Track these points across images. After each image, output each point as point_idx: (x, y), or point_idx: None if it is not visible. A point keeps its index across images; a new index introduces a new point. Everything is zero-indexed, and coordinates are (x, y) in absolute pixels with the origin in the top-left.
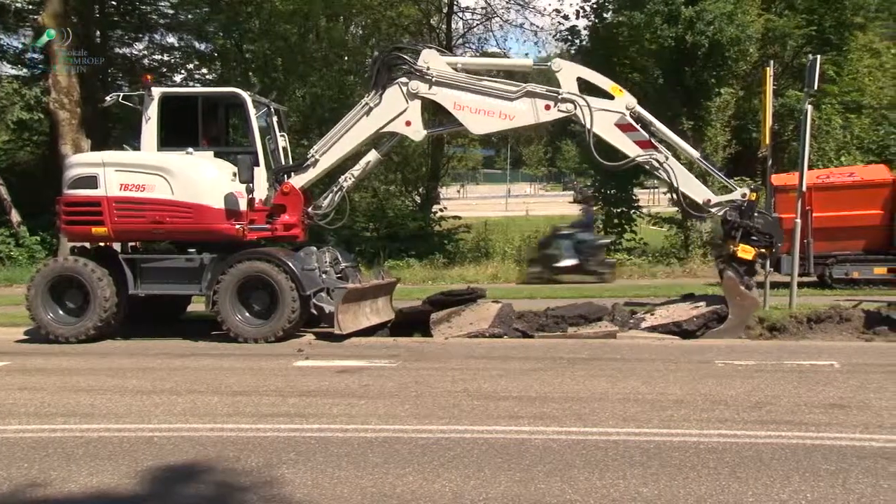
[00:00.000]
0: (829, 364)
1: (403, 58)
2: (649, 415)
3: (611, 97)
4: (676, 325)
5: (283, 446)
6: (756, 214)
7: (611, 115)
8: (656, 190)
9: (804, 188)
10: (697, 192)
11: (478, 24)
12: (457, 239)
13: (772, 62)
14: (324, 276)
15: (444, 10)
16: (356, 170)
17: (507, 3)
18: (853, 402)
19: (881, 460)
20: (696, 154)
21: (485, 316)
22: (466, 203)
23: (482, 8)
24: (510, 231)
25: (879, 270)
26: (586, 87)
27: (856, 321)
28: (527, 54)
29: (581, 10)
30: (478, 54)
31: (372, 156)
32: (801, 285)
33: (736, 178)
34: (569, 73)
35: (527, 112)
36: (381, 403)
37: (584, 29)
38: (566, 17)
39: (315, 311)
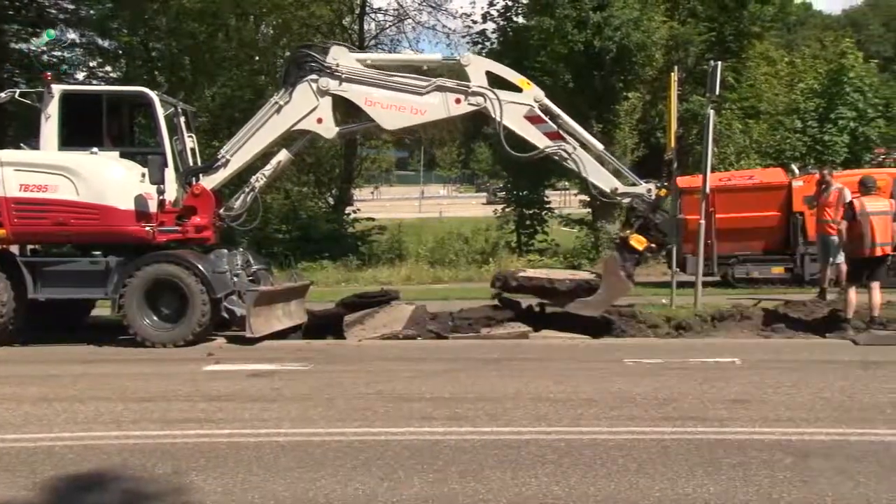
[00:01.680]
0: (732, 361)
1: (313, 55)
2: (561, 413)
3: (519, 90)
4: (549, 282)
5: (193, 452)
6: (659, 211)
7: (520, 107)
8: (567, 192)
9: (707, 190)
10: (605, 181)
11: (390, 26)
12: (370, 241)
13: (676, 68)
14: (235, 278)
15: (357, 11)
16: (267, 170)
17: (419, 4)
18: (753, 397)
19: (778, 452)
20: (600, 146)
21: (398, 318)
22: (380, 205)
23: (395, 9)
24: (424, 233)
25: (777, 270)
26: (495, 82)
27: (756, 319)
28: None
29: (488, 14)
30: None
31: (283, 155)
32: (705, 285)
33: (646, 180)
34: (478, 68)
35: (438, 106)
36: (293, 407)
37: (493, 32)
38: (475, 21)
39: (226, 315)
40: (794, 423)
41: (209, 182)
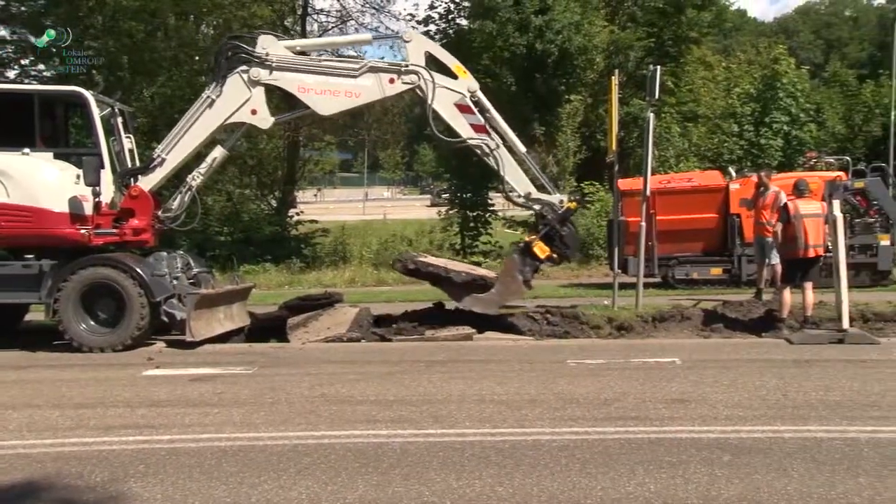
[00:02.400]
0: (672, 361)
1: (241, 46)
2: (504, 415)
3: (455, 77)
4: (446, 271)
5: (131, 459)
6: (567, 223)
7: (452, 94)
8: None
9: (648, 193)
10: (521, 183)
11: (333, 27)
12: (314, 243)
13: (616, 72)
14: (175, 281)
15: (299, 13)
16: (203, 168)
17: (361, 6)
18: (692, 396)
19: (716, 450)
20: (523, 149)
21: (342, 320)
22: (324, 207)
23: (337, 11)
24: (368, 235)
25: (716, 271)
26: (434, 66)
27: (695, 319)
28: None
29: (430, 17)
30: (333, 56)
31: (218, 152)
32: (646, 286)
33: (586, 182)
34: (418, 46)
35: (372, 87)
36: (235, 411)
37: (436, 34)
38: (418, 23)
39: (166, 319)
40: (731, 421)
41: (147, 183)
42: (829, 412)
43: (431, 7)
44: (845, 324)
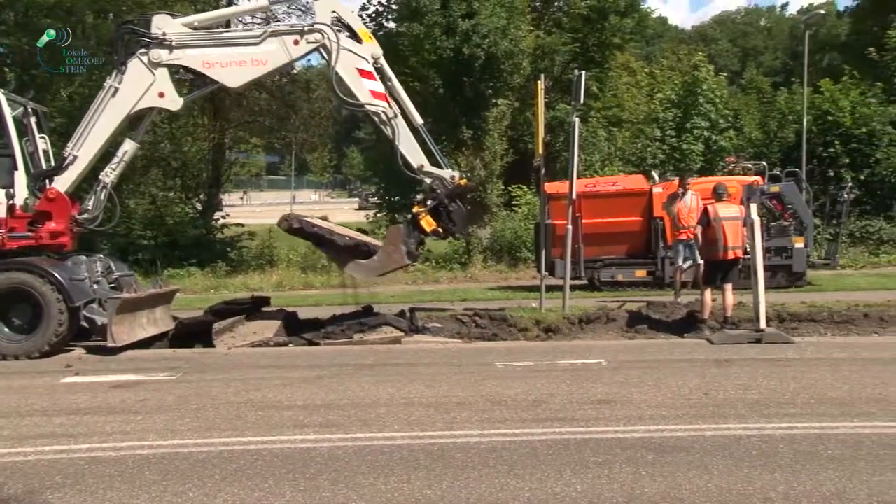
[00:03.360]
0: (598, 362)
1: (136, 29)
2: (433, 418)
3: (360, 41)
4: (329, 233)
5: (48, 470)
6: (457, 200)
7: (356, 57)
8: None
9: (574, 196)
10: (414, 155)
11: (257, 27)
12: (240, 247)
13: (542, 76)
14: (95, 286)
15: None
16: (114, 163)
17: (288, 8)
18: (618, 397)
19: (641, 450)
20: (420, 121)
21: (269, 325)
22: (250, 210)
23: (262, 10)
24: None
25: (640, 273)
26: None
27: (620, 321)
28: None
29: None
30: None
31: (128, 145)
32: (573, 288)
33: (514, 186)
34: (325, 6)
35: (277, 52)
36: (159, 418)
37: None
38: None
39: (86, 324)
40: (655, 420)
41: (62, 184)
42: (748, 410)
43: (363, 9)
44: (762, 324)
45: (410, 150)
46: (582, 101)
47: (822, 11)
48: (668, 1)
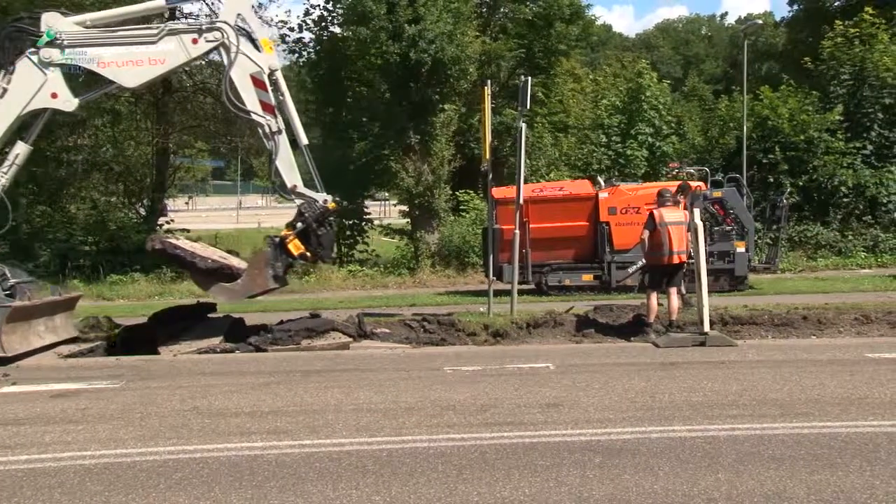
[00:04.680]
0: (546, 366)
1: (24, 28)
2: (382, 423)
3: (260, 50)
4: (192, 255)
5: None
6: (326, 224)
7: (252, 64)
8: (387, 202)
9: (521, 201)
10: (290, 175)
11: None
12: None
13: (489, 82)
14: None
15: (166, 16)
16: (5, 167)
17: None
18: (566, 400)
19: (588, 453)
20: (305, 141)
21: (216, 331)
22: (196, 215)
23: (207, 15)
24: (241, 244)
25: (587, 277)
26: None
27: (568, 325)
28: None
29: (304, 23)
30: (203, 62)
31: (20, 147)
32: (520, 293)
33: (461, 191)
34: (232, 6)
35: (176, 51)
36: (101, 427)
37: (310, 42)
38: (291, 30)
39: None
40: (602, 423)
41: None
42: (693, 412)
43: (306, 14)
44: (706, 327)
45: (287, 168)
46: (528, 106)
47: (760, 21)
48: (613, 9)
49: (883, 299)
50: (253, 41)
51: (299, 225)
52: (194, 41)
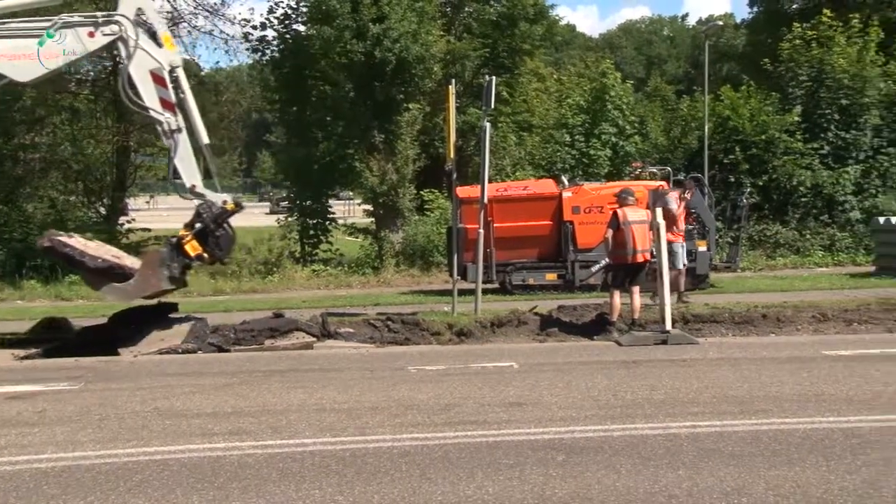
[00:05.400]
0: (510, 365)
1: None
2: (345, 423)
3: (161, 46)
4: (81, 254)
5: None
6: (223, 225)
7: (151, 60)
8: (351, 201)
9: (486, 200)
10: (190, 174)
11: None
12: (147, 252)
13: (453, 81)
14: None
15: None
16: None
17: (194, 8)
18: (529, 399)
19: (551, 451)
20: (205, 140)
21: (177, 331)
22: (157, 214)
23: (168, 12)
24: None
25: (551, 276)
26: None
27: (532, 324)
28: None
29: (268, 21)
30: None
31: None
32: (485, 292)
33: (426, 190)
34: (130, 2)
35: (71, 45)
36: (59, 430)
37: (274, 40)
38: (254, 28)
39: None
40: (565, 422)
41: None
42: (654, 410)
43: (270, 11)
44: (668, 325)
45: (186, 168)
46: (492, 105)
47: (721, 23)
48: (578, 9)
49: (839, 297)
50: (154, 37)
51: (198, 225)
52: (91, 35)
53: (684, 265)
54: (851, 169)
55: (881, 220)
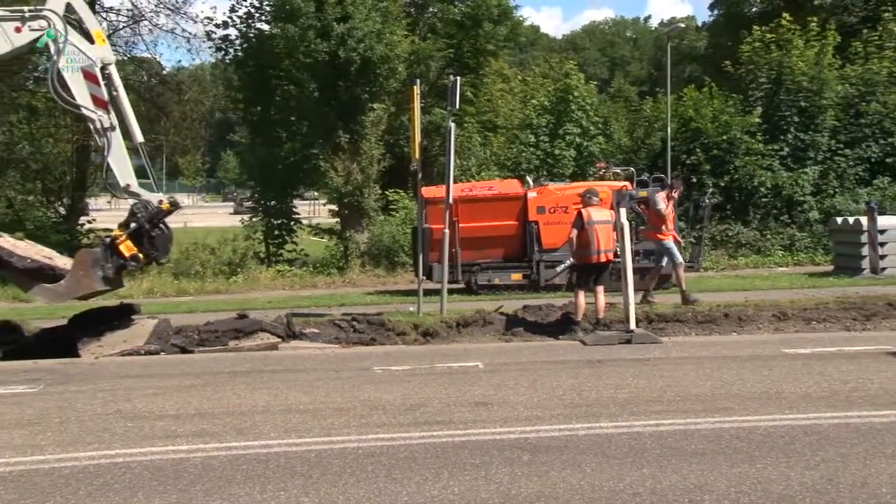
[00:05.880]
0: (475, 365)
1: None
2: (310, 424)
3: (92, 42)
4: (9, 254)
5: None
6: (160, 224)
7: (82, 56)
8: (316, 202)
9: (451, 200)
10: (124, 173)
11: (124, 27)
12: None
13: (418, 81)
14: None
15: None
16: None
17: (155, 6)
18: (494, 399)
19: (517, 451)
20: (140, 139)
21: (140, 333)
22: (119, 214)
23: (129, 10)
24: (170, 243)
25: (516, 277)
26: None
27: (497, 324)
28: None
29: (230, 20)
30: (125, 58)
31: None
32: (450, 292)
33: (391, 190)
34: None
35: None
36: (17, 433)
37: (237, 38)
38: (217, 26)
39: None
40: (530, 421)
41: None
42: (619, 409)
43: (232, 10)
44: (632, 325)
45: (120, 167)
46: (457, 106)
47: (683, 25)
48: (542, 10)
49: (799, 296)
50: (85, 33)
51: (132, 225)
52: (17, 30)
53: (681, 262)
54: (810, 170)
55: (839, 220)
